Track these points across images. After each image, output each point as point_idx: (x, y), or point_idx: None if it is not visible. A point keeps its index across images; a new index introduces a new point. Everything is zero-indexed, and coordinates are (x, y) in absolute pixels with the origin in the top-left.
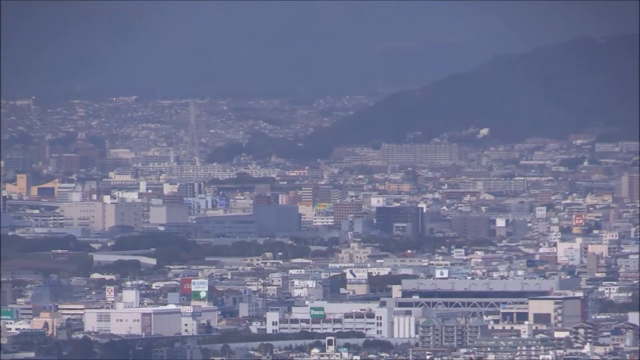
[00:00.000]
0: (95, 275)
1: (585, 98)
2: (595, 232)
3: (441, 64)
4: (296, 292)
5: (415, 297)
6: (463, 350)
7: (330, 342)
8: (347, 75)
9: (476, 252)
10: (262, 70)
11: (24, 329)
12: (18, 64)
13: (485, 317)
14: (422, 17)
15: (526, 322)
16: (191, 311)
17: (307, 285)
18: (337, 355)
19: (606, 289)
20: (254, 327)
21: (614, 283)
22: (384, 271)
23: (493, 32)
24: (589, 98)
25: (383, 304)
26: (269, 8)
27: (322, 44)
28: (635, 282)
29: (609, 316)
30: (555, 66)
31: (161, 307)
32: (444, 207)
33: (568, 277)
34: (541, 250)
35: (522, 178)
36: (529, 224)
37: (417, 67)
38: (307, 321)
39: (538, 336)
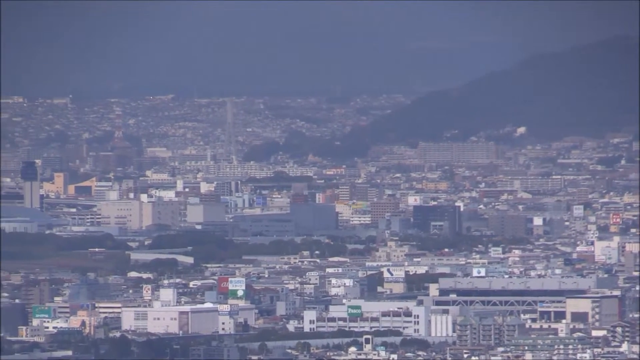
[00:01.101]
0: (133, 274)
1: (622, 96)
2: (633, 230)
3: (479, 62)
4: (333, 291)
5: (453, 296)
6: (500, 349)
7: (367, 341)
8: (384, 74)
9: (513, 250)
10: (299, 68)
11: (61, 327)
12: (55, 62)
13: (522, 316)
14: (459, 16)
15: (563, 321)
16: (228, 310)
17: (345, 283)
18: (375, 354)
19: None
20: (291, 326)
21: None
22: (421, 270)
23: (530, 31)
24: (626, 96)
25: (420, 303)
26: (307, 7)
27: (360, 43)
28: None
29: None
30: (592, 64)
31: (198, 306)
32: (481, 206)
33: (605, 275)
34: (578, 248)
35: (559, 177)
36: (566, 223)
37: (455, 65)
38: (344, 320)
39: (575, 335)
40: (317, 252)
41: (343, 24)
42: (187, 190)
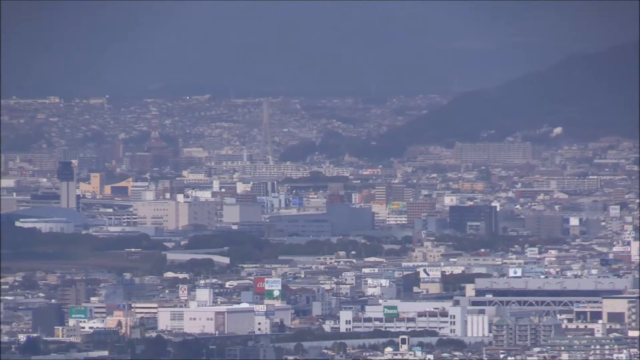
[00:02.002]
0: (169, 274)
1: None
2: None
3: (515, 62)
4: (369, 291)
5: (489, 296)
6: (536, 349)
7: (403, 341)
8: (421, 74)
9: (550, 250)
10: (336, 68)
11: (97, 327)
12: (92, 62)
13: (558, 316)
14: (496, 15)
15: (600, 321)
16: (264, 310)
17: (381, 284)
18: (411, 354)
19: None
20: (327, 326)
21: None
22: (457, 270)
23: (567, 31)
24: None
25: (456, 303)
26: (344, 7)
27: (396, 43)
28: None
29: None
30: (629, 64)
31: (234, 306)
32: (518, 206)
33: None
34: (615, 249)
35: (595, 177)
36: (603, 223)
37: (491, 65)
38: (380, 320)
39: (612, 335)
40: (353, 252)
41: (380, 24)
42: (223, 190)
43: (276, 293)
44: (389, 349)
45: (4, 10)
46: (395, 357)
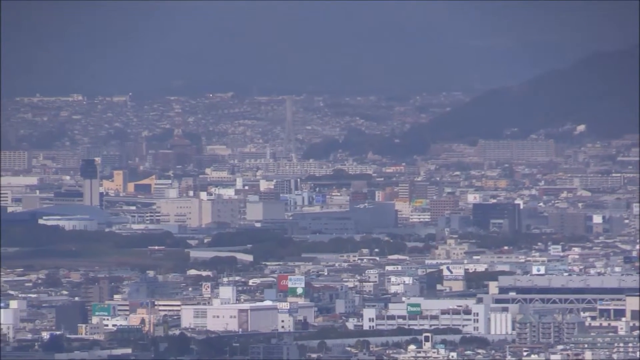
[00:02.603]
0: (192, 272)
1: None
2: None
3: (538, 60)
4: (393, 289)
5: (512, 294)
6: (560, 347)
7: (427, 339)
8: (444, 71)
9: (573, 248)
10: (359, 66)
11: (120, 325)
12: (114, 60)
13: (582, 314)
14: (519, 14)
15: (623, 319)
16: (288, 307)
17: (404, 281)
18: (434, 352)
19: None
20: (351, 324)
21: None
22: (481, 268)
23: (590, 29)
24: None
25: (480, 301)
26: (366, 6)
27: (419, 41)
28: None
29: None
30: None
31: (258, 304)
32: (541, 204)
33: None
34: (638, 246)
35: (619, 174)
36: (626, 221)
37: (515, 63)
38: (403, 317)
39: (635, 333)
40: (376, 249)
41: (403, 22)
42: (246, 188)
43: (299, 291)
44: (412, 347)
45: (25, 7)
46: (418, 355)
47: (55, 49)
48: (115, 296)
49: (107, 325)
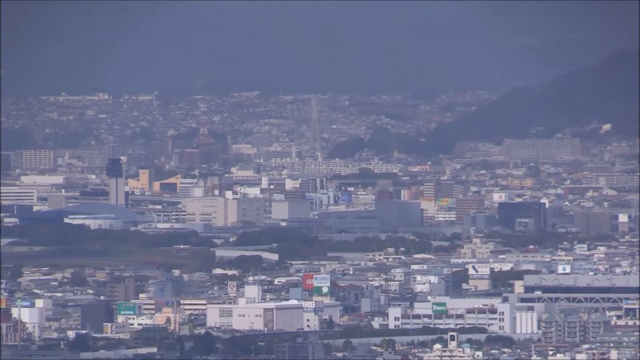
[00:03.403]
0: (218, 271)
1: None
2: None
3: (564, 59)
4: (418, 288)
5: (538, 293)
6: (585, 346)
7: (452, 338)
8: (470, 70)
9: (599, 247)
10: (385, 65)
11: (146, 324)
12: (141, 59)
13: (607, 313)
14: (545, 13)
15: None
16: (313, 307)
17: (429, 280)
18: (459, 351)
19: None
20: (376, 323)
21: None
22: (506, 267)
23: (616, 27)
24: None
25: (505, 300)
26: (392, 6)
27: (445, 40)
28: None
29: None
30: None
31: (283, 303)
32: (567, 203)
33: None
34: None
35: None
36: None
37: (540, 62)
38: (429, 317)
39: None
40: (402, 248)
41: (429, 22)
42: (272, 187)
43: (325, 290)
44: (437, 346)
45: (49, 7)
46: (444, 354)
47: (80, 48)
48: (141, 295)
49: (132, 324)
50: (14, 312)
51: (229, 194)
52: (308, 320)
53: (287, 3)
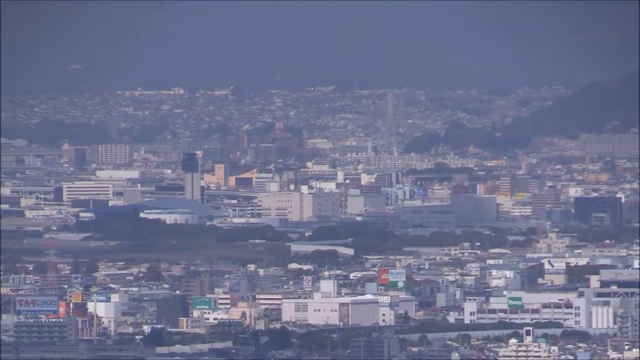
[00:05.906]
0: (293, 265)
1: None
2: None
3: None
4: (494, 282)
5: (614, 287)
6: None
7: (528, 333)
8: (545, 65)
9: None
10: (461, 61)
11: (221, 318)
12: (215, 54)
13: None
14: (620, 7)
15: None
16: (389, 301)
17: (505, 275)
18: (535, 346)
19: None
20: (452, 317)
21: None
22: (582, 261)
23: None
24: None
25: (581, 294)
26: (467, 5)
27: (522, 35)
28: None
29: None
30: None
31: (359, 297)
32: None
33: None
34: None
35: None
36: None
37: (616, 57)
38: (504, 311)
39: None
40: (477, 243)
41: (504, 17)
42: (347, 181)
43: (400, 284)
44: (513, 341)
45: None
46: (519, 348)
47: (155, 43)
48: (216, 290)
49: (208, 319)
50: (90, 306)
51: (304, 189)
52: (383, 314)
53: (374, 4)
